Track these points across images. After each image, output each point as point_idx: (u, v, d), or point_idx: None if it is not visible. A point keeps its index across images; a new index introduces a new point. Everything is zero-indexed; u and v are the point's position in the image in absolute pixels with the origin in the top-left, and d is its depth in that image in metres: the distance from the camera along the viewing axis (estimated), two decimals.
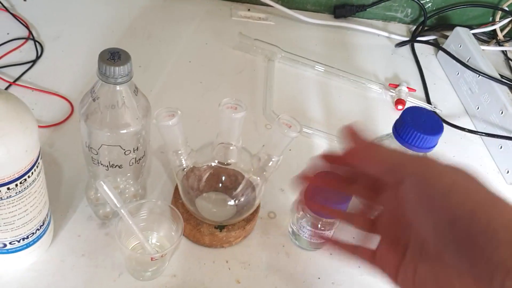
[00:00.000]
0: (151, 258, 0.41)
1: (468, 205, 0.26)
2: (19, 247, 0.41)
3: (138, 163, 0.44)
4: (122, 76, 0.38)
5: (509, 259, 0.24)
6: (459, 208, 0.26)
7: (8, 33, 0.67)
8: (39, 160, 0.38)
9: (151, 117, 0.43)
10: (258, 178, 0.48)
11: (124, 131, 0.40)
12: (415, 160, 0.30)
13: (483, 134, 0.69)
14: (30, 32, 0.67)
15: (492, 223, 0.25)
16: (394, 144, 0.49)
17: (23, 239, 0.40)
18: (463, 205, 0.26)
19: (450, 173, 0.28)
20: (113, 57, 0.38)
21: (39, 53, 0.65)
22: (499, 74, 0.73)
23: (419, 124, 0.47)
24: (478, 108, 0.73)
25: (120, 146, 0.41)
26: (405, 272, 0.31)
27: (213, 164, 0.47)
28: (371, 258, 0.34)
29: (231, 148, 0.46)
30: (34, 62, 0.63)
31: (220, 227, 0.47)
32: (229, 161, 0.47)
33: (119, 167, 0.43)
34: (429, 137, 0.47)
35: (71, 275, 0.43)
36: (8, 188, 0.35)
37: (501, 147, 0.67)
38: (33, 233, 0.41)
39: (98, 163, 0.42)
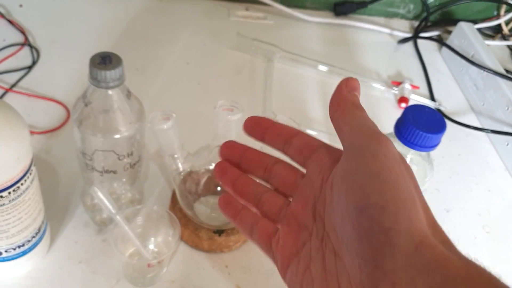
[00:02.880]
0: (148, 265, 0.41)
1: (385, 197, 0.21)
2: (15, 255, 0.40)
3: (133, 168, 0.43)
4: (113, 80, 0.37)
5: (400, 271, 0.20)
6: (374, 197, 0.22)
7: (4, 40, 0.66)
8: (32, 167, 0.37)
9: (145, 121, 0.42)
10: None
11: (118, 135, 0.39)
12: (372, 134, 0.26)
13: (489, 131, 0.68)
14: (26, 38, 0.67)
15: (397, 224, 0.21)
16: (396, 143, 0.48)
17: (19, 246, 0.40)
18: (381, 195, 0.22)
19: (389, 158, 0.23)
20: (104, 61, 0.37)
21: (35, 59, 0.64)
22: (505, 70, 0.71)
23: (421, 122, 0.46)
24: (483, 104, 0.72)
25: (113, 151, 0.40)
26: (296, 270, 0.26)
27: (210, 167, 0.47)
28: (268, 240, 0.28)
29: None
30: (30, 68, 0.63)
31: (219, 232, 0.46)
32: None
33: (114, 172, 0.42)
34: (431, 136, 0.45)
35: (69, 282, 0.43)
36: (1, 196, 0.35)
37: (507, 144, 0.65)
38: (29, 241, 0.40)
39: (92, 169, 0.42)
